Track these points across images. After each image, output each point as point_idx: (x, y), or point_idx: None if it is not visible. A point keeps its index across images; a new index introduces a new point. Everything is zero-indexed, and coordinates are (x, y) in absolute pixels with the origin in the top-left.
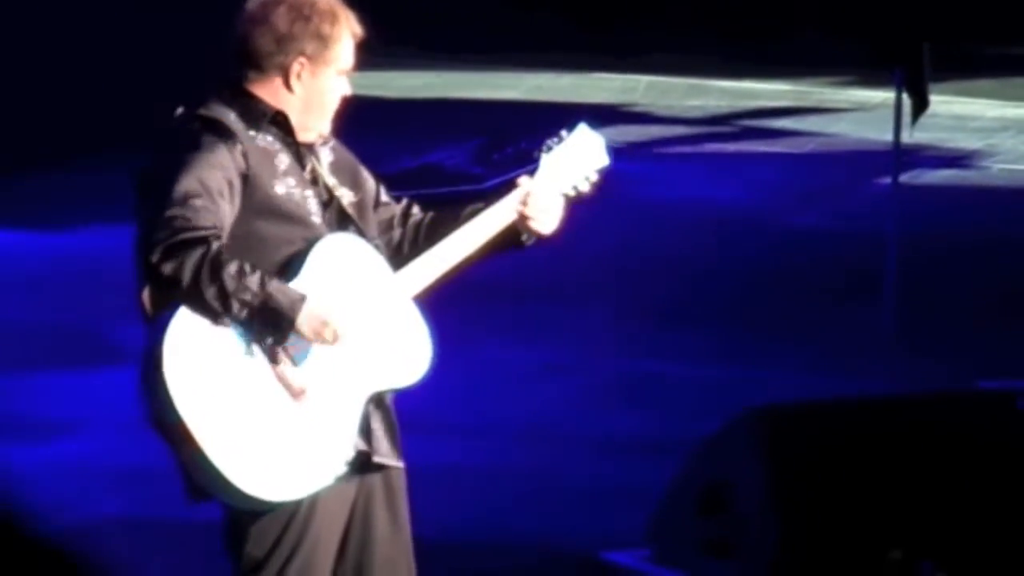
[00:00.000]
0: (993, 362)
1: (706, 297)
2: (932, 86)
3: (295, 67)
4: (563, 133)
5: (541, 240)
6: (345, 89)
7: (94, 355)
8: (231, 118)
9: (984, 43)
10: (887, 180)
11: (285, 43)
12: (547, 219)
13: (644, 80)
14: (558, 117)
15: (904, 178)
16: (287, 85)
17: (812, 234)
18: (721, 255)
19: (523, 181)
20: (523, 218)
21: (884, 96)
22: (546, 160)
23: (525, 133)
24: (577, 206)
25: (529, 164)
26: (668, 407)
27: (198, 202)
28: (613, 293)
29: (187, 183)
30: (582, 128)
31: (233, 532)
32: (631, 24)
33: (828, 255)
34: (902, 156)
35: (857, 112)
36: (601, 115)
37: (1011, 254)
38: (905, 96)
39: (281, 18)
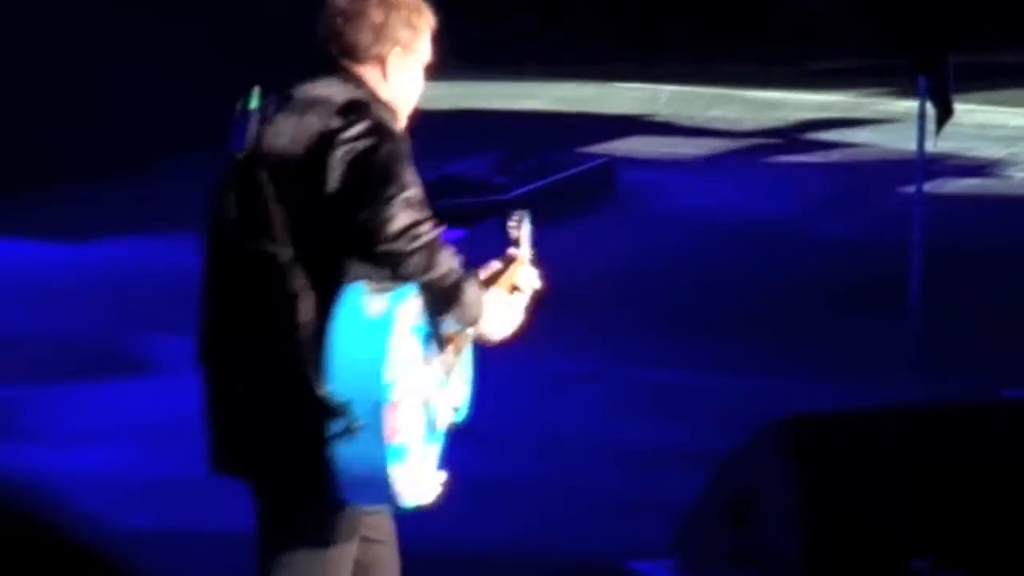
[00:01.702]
0: (1017, 371)
1: (731, 306)
2: (955, 95)
3: (392, 57)
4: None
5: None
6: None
7: (116, 367)
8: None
9: (1007, 52)
10: (911, 189)
11: (382, 33)
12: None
13: (667, 90)
14: (581, 127)
15: (928, 187)
16: (384, 75)
17: (837, 243)
18: (746, 264)
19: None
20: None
21: (908, 105)
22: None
23: (548, 143)
24: (602, 217)
25: (553, 175)
26: (694, 417)
27: (418, 192)
28: (637, 302)
29: (405, 173)
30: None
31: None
32: (654, 34)
33: (853, 264)
34: (926, 165)
35: (881, 122)
36: (624, 125)
37: None
38: (929, 105)
39: (375, 9)
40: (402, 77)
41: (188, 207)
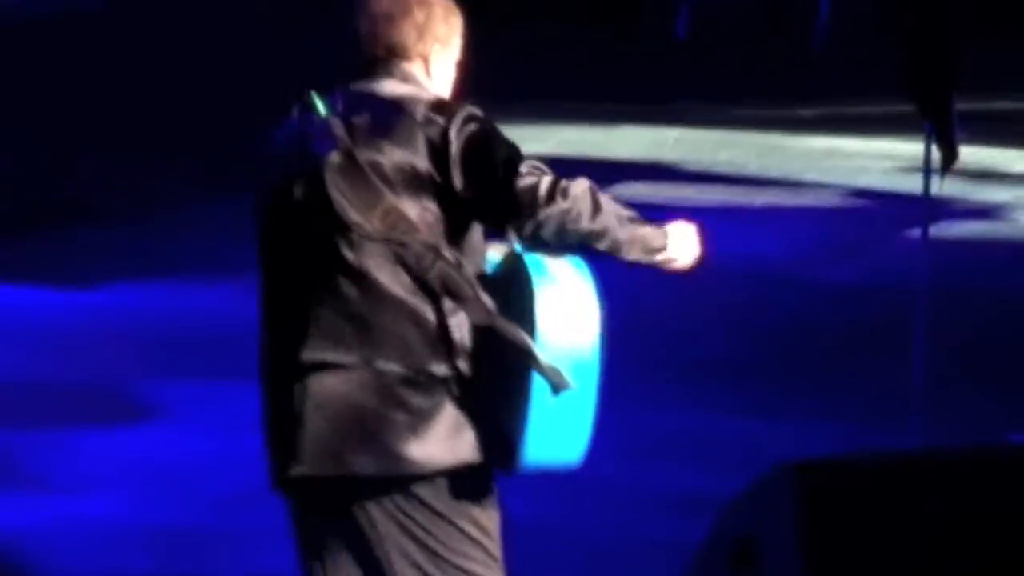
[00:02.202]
0: None
1: (737, 350)
2: (961, 139)
3: (433, 54)
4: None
5: None
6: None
7: (121, 413)
8: None
9: (1012, 97)
10: (917, 232)
11: (424, 32)
12: None
13: (673, 133)
14: (588, 172)
15: (934, 230)
16: (428, 72)
17: (843, 287)
18: (752, 308)
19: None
20: None
21: (913, 149)
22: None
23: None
24: (610, 262)
25: None
26: (702, 461)
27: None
28: (643, 346)
29: (511, 142)
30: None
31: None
32: (660, 77)
33: (859, 308)
34: (932, 208)
35: (886, 164)
36: (631, 169)
37: None
38: (934, 149)
39: (417, 9)
40: (442, 73)
41: (192, 253)
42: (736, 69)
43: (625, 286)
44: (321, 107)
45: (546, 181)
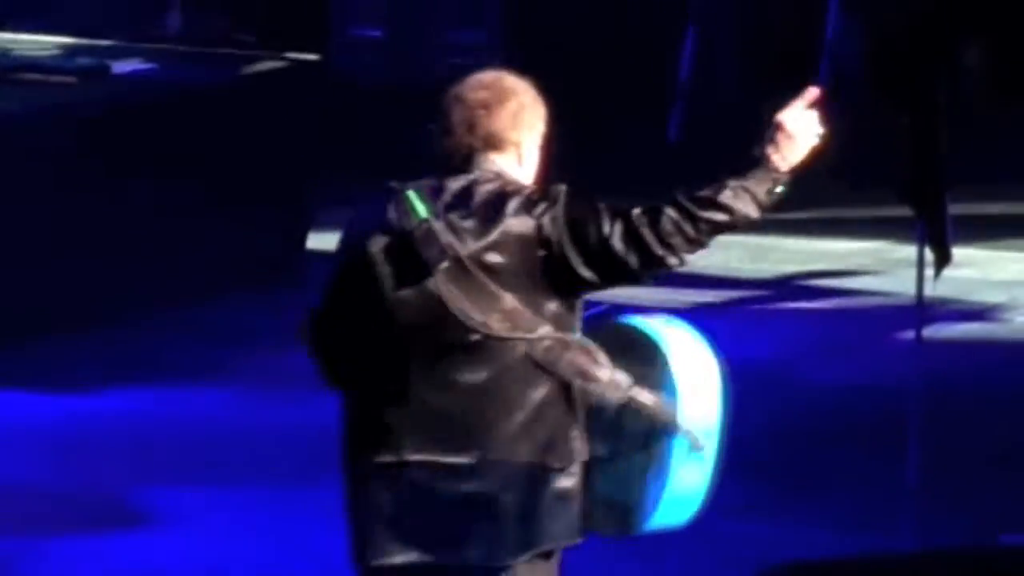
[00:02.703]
0: (1017, 516)
1: (729, 451)
2: (954, 241)
3: (524, 142)
4: None
5: None
6: None
7: (113, 520)
8: None
9: (1005, 200)
10: (910, 334)
11: (519, 120)
12: None
13: None
14: None
15: (927, 332)
16: (520, 160)
17: (836, 390)
18: (744, 410)
19: None
20: None
21: (906, 251)
22: None
23: None
24: None
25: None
26: (690, 562)
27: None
28: None
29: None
30: None
31: None
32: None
33: (852, 410)
34: (925, 310)
35: (878, 266)
36: None
37: None
38: (927, 251)
39: (511, 97)
40: (532, 160)
41: (186, 358)
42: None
43: None
44: (420, 208)
45: (651, 218)
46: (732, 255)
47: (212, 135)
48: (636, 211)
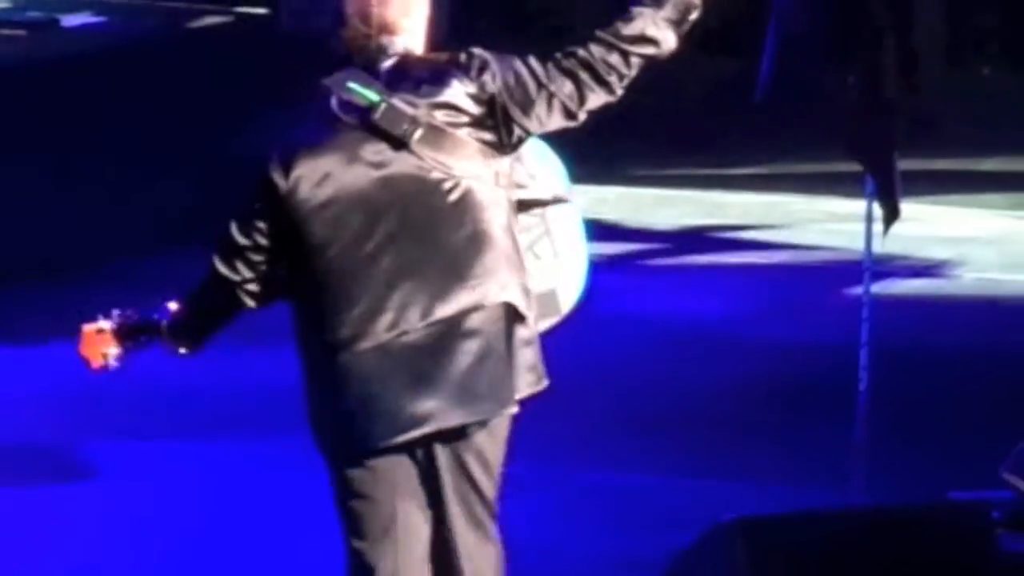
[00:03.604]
0: (965, 473)
1: (678, 409)
2: (903, 197)
3: (417, 26)
4: None
5: None
6: None
7: (66, 473)
8: None
9: (955, 156)
10: (859, 290)
11: (408, 6)
12: None
13: (615, 191)
14: None
15: (875, 288)
16: (413, 42)
17: (784, 346)
18: (693, 367)
19: None
20: None
21: (855, 206)
22: None
23: None
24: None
25: None
26: (638, 520)
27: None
28: (578, 406)
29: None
30: None
31: None
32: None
33: (801, 367)
34: (873, 266)
35: (826, 223)
36: None
37: (983, 364)
38: (876, 206)
39: None
40: (422, 40)
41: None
42: (677, 127)
43: (569, 343)
44: (369, 93)
45: (584, 60)
46: (683, 211)
47: (159, 89)
48: (569, 54)
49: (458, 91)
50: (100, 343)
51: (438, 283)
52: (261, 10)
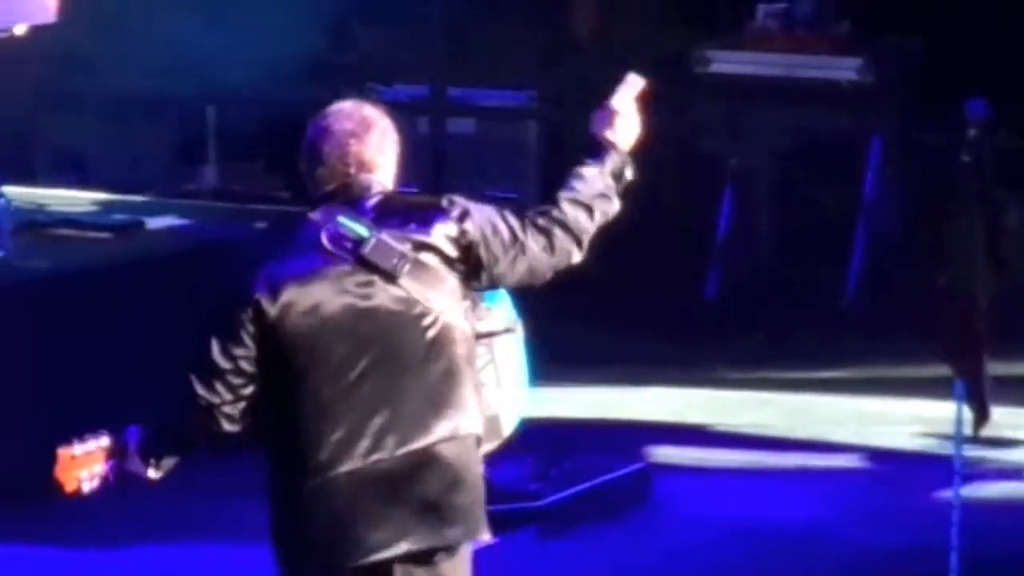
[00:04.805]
0: None
1: None
2: (992, 400)
3: (389, 163)
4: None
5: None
6: None
7: None
8: None
9: None
10: (948, 494)
11: (383, 144)
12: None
13: (703, 394)
14: (615, 434)
15: (965, 491)
16: (387, 178)
17: (873, 552)
18: (780, 573)
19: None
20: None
21: (944, 409)
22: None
23: (582, 449)
24: (636, 524)
25: (587, 482)
26: None
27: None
28: None
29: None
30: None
31: None
32: (688, 338)
33: (890, 571)
34: (963, 469)
35: (914, 425)
36: (658, 432)
37: None
38: (966, 409)
39: (374, 125)
40: (392, 177)
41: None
42: (763, 329)
43: (647, 551)
44: (359, 227)
45: (557, 219)
46: (767, 414)
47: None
48: (542, 213)
49: (440, 233)
50: (74, 467)
51: (416, 413)
52: None
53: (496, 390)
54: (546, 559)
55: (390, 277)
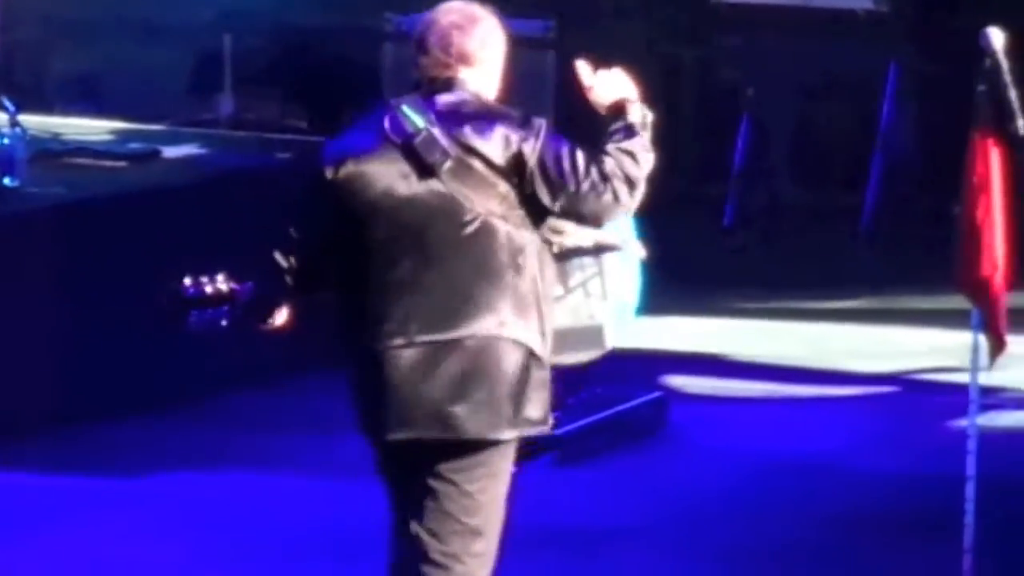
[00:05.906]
0: None
1: (783, 542)
2: (1009, 330)
3: (492, 60)
4: None
5: None
6: None
7: None
8: None
9: None
10: (964, 423)
11: (487, 41)
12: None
13: (718, 323)
14: (632, 363)
15: (982, 420)
16: (487, 75)
17: (889, 478)
18: (793, 500)
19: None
20: None
21: (960, 338)
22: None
23: (599, 378)
24: (653, 452)
25: (603, 411)
26: None
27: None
28: (687, 538)
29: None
30: None
31: None
32: (705, 268)
33: (905, 500)
34: (979, 398)
35: (931, 355)
36: (676, 361)
37: None
38: (982, 338)
39: (479, 21)
40: (496, 77)
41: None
42: (780, 259)
43: (663, 479)
44: (417, 118)
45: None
46: (783, 343)
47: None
48: (606, 157)
49: (494, 143)
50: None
51: (440, 307)
52: None
53: (602, 302)
54: (563, 488)
55: (430, 171)
